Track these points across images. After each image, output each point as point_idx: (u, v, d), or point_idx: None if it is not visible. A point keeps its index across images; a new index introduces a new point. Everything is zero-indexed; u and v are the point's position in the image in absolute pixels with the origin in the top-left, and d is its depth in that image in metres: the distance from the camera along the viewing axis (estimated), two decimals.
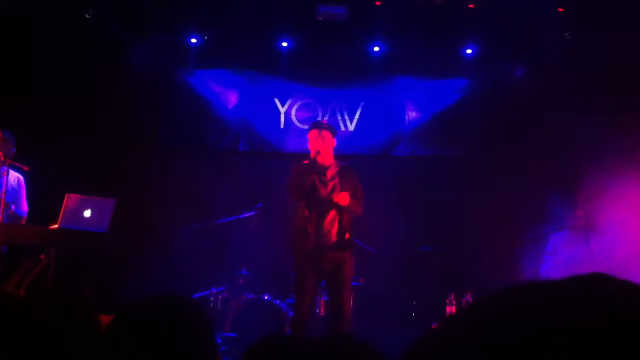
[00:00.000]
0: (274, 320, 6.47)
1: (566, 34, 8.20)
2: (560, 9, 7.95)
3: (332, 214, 5.38)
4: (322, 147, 5.47)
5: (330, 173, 5.50)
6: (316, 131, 5.53)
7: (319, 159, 5.46)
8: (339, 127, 8.63)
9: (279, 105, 8.80)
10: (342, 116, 8.76)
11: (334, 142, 5.59)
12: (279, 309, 6.59)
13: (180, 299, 1.66)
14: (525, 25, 8.12)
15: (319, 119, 8.62)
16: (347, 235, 5.38)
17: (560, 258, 7.25)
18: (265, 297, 6.71)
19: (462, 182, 8.15)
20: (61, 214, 5.59)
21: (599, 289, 0.64)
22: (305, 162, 5.51)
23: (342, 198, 5.31)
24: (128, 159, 7.96)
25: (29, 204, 6.16)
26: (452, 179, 8.29)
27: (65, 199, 5.64)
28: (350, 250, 5.46)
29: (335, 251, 5.35)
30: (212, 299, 6.83)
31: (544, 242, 7.49)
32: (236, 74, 8.84)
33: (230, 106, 8.80)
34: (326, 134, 5.51)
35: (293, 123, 8.76)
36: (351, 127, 8.74)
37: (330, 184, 5.44)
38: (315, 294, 5.64)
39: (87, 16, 8.07)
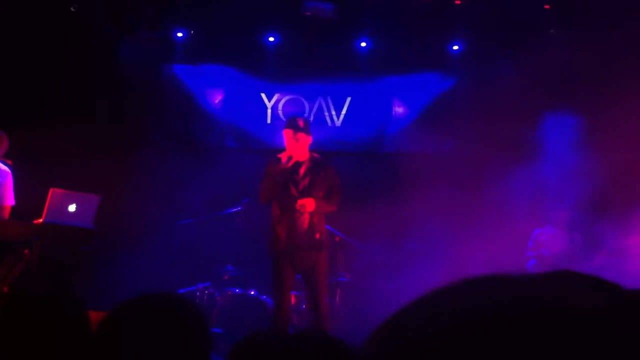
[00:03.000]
0: (261, 316, 6.47)
1: (552, 30, 8.23)
2: (547, 6, 7.99)
3: (302, 215, 5.38)
4: (295, 148, 5.45)
5: (303, 170, 5.49)
6: (291, 132, 5.49)
7: (291, 157, 5.46)
8: (326, 122, 8.64)
9: (266, 101, 8.77)
10: (329, 112, 8.73)
11: (309, 140, 5.57)
12: (266, 304, 6.58)
13: (176, 297, 1.66)
14: (511, 21, 8.13)
15: (305, 114, 8.60)
16: (317, 235, 5.39)
17: (544, 254, 7.32)
18: (252, 293, 6.70)
19: (448, 180, 8.14)
20: (45, 209, 5.55)
21: (564, 287, 0.63)
22: (280, 156, 5.50)
23: (308, 205, 5.32)
24: (113, 154, 7.91)
25: (16, 199, 6.06)
26: (438, 176, 8.29)
27: (50, 193, 5.60)
28: (323, 249, 5.46)
29: (307, 250, 5.38)
30: (198, 294, 6.80)
31: (528, 240, 7.55)
32: (223, 69, 8.80)
33: (216, 101, 8.77)
34: (301, 136, 5.47)
35: (280, 118, 8.73)
36: (338, 123, 8.73)
37: (303, 183, 5.44)
38: (291, 290, 5.68)
39: (73, 9, 8.02)
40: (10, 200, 5.94)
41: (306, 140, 5.52)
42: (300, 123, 5.59)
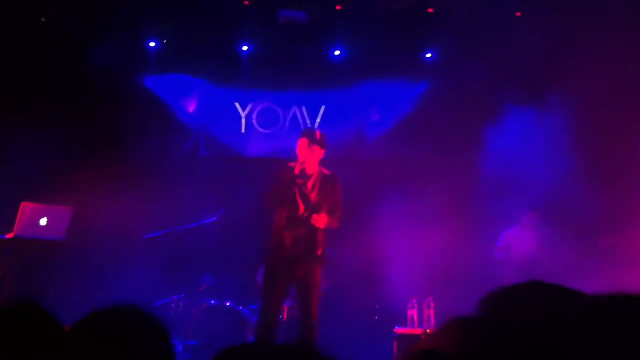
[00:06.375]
0: (237, 327, 6.42)
1: (524, 37, 8.30)
2: (518, 14, 8.07)
3: (307, 227, 5.36)
4: (308, 158, 5.45)
5: (311, 183, 5.49)
6: (306, 141, 5.50)
7: (303, 168, 5.45)
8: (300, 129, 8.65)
9: (240, 110, 8.74)
10: (304, 120, 8.73)
11: (322, 154, 5.57)
12: (242, 315, 6.53)
13: (137, 309, 1.62)
14: (483, 29, 8.19)
15: (280, 122, 8.59)
16: (319, 251, 5.39)
17: (513, 255, 7.41)
18: (227, 304, 6.64)
19: (424, 185, 8.17)
20: (17, 223, 5.47)
21: (534, 296, 0.64)
22: (291, 165, 5.47)
23: (321, 221, 5.31)
24: (86, 165, 7.81)
25: None
26: (415, 182, 8.31)
27: (21, 207, 5.52)
28: (322, 264, 5.45)
29: (307, 262, 5.35)
30: (173, 306, 6.74)
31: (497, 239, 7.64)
32: (196, 78, 8.76)
33: (190, 111, 8.72)
34: (315, 148, 5.49)
35: (254, 127, 8.71)
36: None
37: (311, 195, 5.43)
38: (284, 300, 5.62)
39: (44, 20, 7.94)
40: None
41: (319, 153, 5.53)
42: (317, 135, 5.62)
